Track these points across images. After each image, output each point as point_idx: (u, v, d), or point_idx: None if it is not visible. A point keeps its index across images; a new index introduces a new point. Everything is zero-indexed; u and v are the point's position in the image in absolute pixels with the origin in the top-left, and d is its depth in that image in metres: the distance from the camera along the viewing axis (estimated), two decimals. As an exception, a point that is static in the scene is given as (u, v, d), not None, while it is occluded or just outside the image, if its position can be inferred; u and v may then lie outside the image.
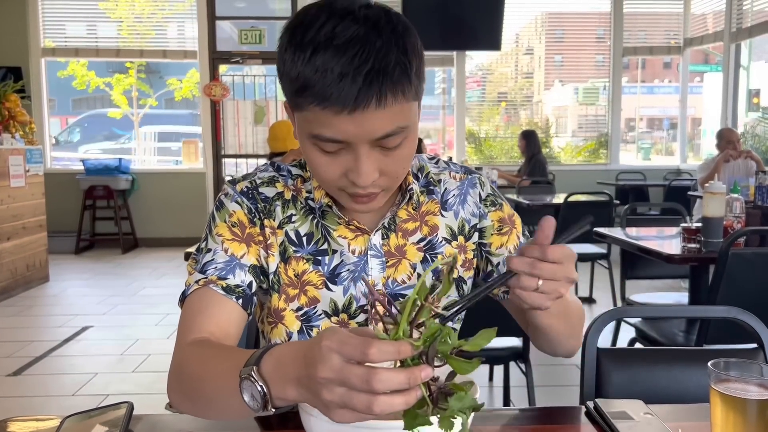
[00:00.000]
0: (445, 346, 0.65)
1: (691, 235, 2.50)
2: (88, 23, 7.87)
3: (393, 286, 1.02)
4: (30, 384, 3.30)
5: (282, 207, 1.01)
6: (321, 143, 0.85)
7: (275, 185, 1.02)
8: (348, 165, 0.86)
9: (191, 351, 0.88)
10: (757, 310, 1.21)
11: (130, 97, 9.28)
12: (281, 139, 3.42)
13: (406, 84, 0.83)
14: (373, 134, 0.83)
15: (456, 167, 1.10)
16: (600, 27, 8.01)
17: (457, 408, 0.64)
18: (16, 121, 5.37)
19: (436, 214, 1.05)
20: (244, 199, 1.00)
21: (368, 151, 0.85)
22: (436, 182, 1.07)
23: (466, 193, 1.08)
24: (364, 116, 0.80)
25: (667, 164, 8.36)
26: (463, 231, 1.07)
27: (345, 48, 0.79)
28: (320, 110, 0.81)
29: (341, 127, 0.81)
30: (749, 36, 6.69)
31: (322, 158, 0.87)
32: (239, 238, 0.97)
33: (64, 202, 7.04)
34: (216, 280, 0.93)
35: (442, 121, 8.30)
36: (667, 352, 1.27)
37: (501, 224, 1.08)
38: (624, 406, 0.93)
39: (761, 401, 0.75)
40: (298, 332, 1.02)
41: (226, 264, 0.95)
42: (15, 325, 4.43)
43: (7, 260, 5.09)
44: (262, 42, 7.39)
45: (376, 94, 0.79)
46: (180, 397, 0.87)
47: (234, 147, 7.44)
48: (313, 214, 1.01)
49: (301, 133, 0.88)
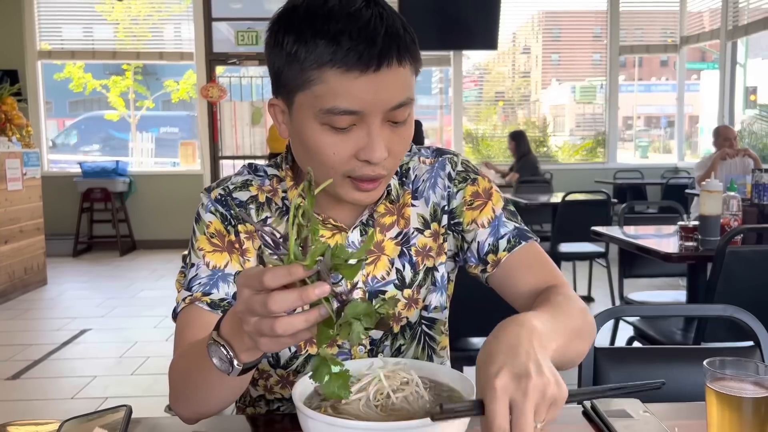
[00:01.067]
0: (336, 260, 0.66)
1: (688, 233, 2.50)
2: (84, 25, 7.88)
3: (373, 283, 1.01)
4: (29, 387, 3.30)
5: (256, 210, 1.01)
6: (334, 118, 0.84)
7: (249, 188, 1.02)
8: (359, 143, 0.86)
9: (178, 359, 0.90)
10: (754, 307, 1.21)
11: (127, 99, 9.27)
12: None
13: (414, 51, 0.87)
14: (388, 102, 0.85)
15: (427, 152, 1.08)
16: (597, 25, 8.02)
17: (351, 315, 0.66)
18: (13, 124, 5.37)
19: (409, 205, 1.04)
20: (218, 207, 1.00)
21: (380, 125, 0.86)
22: (406, 171, 1.05)
23: (436, 176, 1.05)
24: (384, 79, 0.83)
25: (664, 162, 8.37)
26: (435, 217, 1.04)
27: (358, 15, 0.82)
28: (342, 75, 0.82)
29: (360, 94, 0.82)
30: (745, 33, 6.70)
31: (331, 138, 0.86)
32: (220, 248, 0.98)
33: (62, 204, 7.04)
34: (200, 296, 0.94)
35: (440, 121, 8.30)
36: (663, 350, 1.27)
37: (473, 198, 1.03)
38: (621, 404, 0.93)
39: (756, 399, 0.75)
40: None
41: (209, 279, 0.96)
42: (13, 329, 4.42)
43: (4, 263, 5.09)
44: (259, 43, 7.39)
45: (395, 54, 0.83)
46: (180, 403, 0.88)
47: (231, 148, 7.44)
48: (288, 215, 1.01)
49: (305, 118, 0.87)
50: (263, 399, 1.04)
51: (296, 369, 1.00)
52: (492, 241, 1.01)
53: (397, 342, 1.03)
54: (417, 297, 1.03)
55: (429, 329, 1.06)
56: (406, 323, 1.03)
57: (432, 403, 0.79)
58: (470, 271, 1.06)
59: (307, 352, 0.99)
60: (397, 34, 0.84)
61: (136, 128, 9.33)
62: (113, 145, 10.44)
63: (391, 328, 1.02)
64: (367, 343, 1.01)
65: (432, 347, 1.06)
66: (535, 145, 8.00)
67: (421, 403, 0.80)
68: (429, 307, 1.05)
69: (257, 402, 1.05)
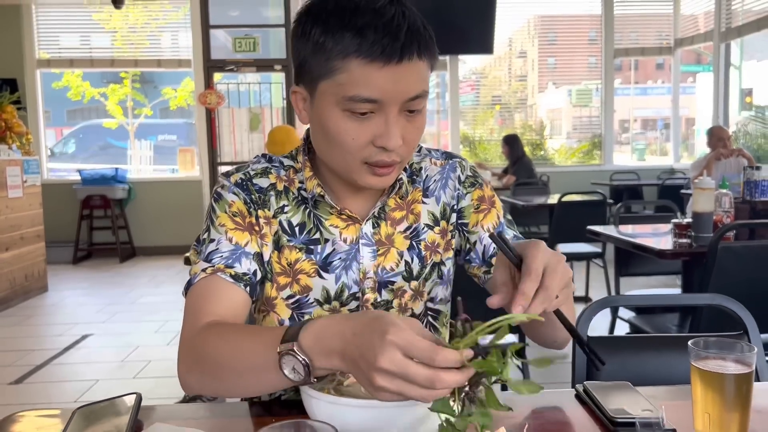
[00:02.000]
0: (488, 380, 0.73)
1: (682, 230, 2.54)
2: (82, 34, 7.91)
3: (382, 273, 1.05)
4: (32, 392, 3.33)
5: (275, 197, 1.05)
6: (355, 105, 0.90)
7: (268, 176, 1.06)
8: (377, 130, 0.92)
9: (210, 332, 0.91)
10: (747, 301, 1.23)
11: (125, 107, 9.30)
12: (280, 143, 3.47)
13: (432, 47, 0.94)
14: (406, 93, 0.91)
15: (437, 154, 1.14)
16: (592, 29, 8.08)
17: (476, 420, 0.71)
18: (13, 132, 5.41)
19: (419, 202, 1.09)
20: (239, 191, 1.03)
21: (396, 114, 0.92)
22: (418, 170, 1.11)
23: (447, 177, 1.11)
24: (404, 71, 0.89)
25: (661, 164, 8.41)
26: (445, 215, 1.10)
27: (383, 11, 0.89)
28: (365, 66, 0.88)
29: (381, 84, 0.89)
30: (739, 35, 6.76)
31: (351, 124, 0.91)
32: (242, 227, 1.01)
33: (62, 212, 7.07)
34: (224, 268, 0.97)
35: (437, 126, 8.35)
36: (654, 338, 1.31)
37: (479, 202, 1.11)
38: (612, 387, 0.96)
39: (738, 376, 0.79)
40: (289, 319, 1.05)
41: (231, 253, 0.98)
42: (15, 335, 4.45)
43: (5, 270, 5.11)
44: (257, 50, 7.44)
45: (415, 49, 0.90)
46: (200, 378, 0.90)
47: (230, 154, 7.47)
48: (305, 204, 1.05)
49: (327, 105, 0.92)
50: None
51: None
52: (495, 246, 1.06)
53: None
54: (422, 290, 1.08)
55: (434, 320, 1.11)
56: (411, 314, 1.08)
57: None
58: (471, 271, 1.12)
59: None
60: (418, 31, 0.90)
61: (135, 136, 9.35)
62: (111, 153, 10.45)
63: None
64: None
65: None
66: (532, 148, 8.05)
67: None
68: (435, 299, 1.10)
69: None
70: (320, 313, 1.04)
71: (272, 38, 7.63)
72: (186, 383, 0.92)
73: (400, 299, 1.06)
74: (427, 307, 1.09)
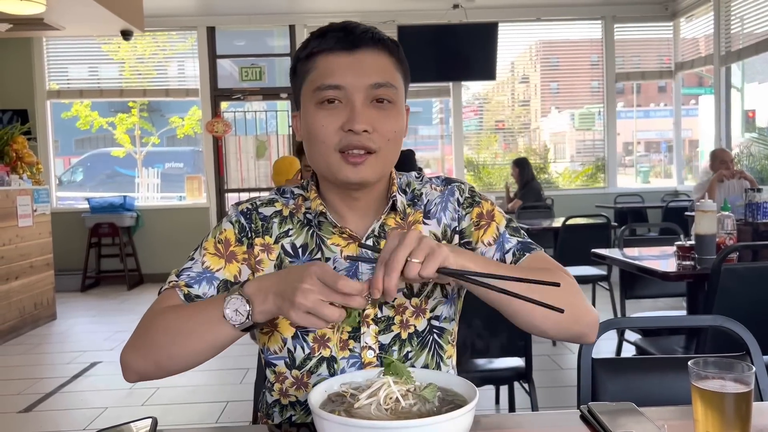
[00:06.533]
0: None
1: (685, 252, 2.56)
2: (91, 65, 8.05)
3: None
4: (41, 420, 3.34)
5: (279, 223, 1.13)
6: (322, 93, 1.03)
7: (274, 204, 1.16)
8: (344, 117, 1.03)
9: (164, 311, 1.03)
10: (750, 322, 1.25)
11: (133, 136, 9.41)
12: (284, 173, 3.53)
13: (395, 51, 1.07)
14: (367, 79, 1.03)
15: (437, 181, 1.20)
16: (593, 53, 8.17)
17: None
18: (24, 162, 5.49)
19: (420, 222, 1.14)
20: (241, 218, 1.13)
21: (363, 101, 1.03)
22: (419, 195, 1.17)
23: (446, 200, 1.16)
24: (362, 59, 1.03)
25: (665, 186, 8.43)
26: (446, 236, 1.15)
27: (351, 24, 1.06)
28: (327, 58, 1.04)
29: (342, 71, 1.03)
30: (738, 58, 6.82)
31: (322, 113, 1.04)
32: (220, 254, 1.10)
33: (70, 240, 7.13)
34: (183, 285, 1.07)
35: (441, 151, 8.42)
36: (657, 360, 1.33)
37: (479, 219, 1.14)
38: (616, 408, 0.98)
39: (737, 395, 0.81)
40: (292, 338, 1.08)
41: (198, 275, 1.09)
42: (24, 363, 4.47)
43: (15, 299, 5.15)
44: (262, 78, 7.56)
45: (370, 39, 1.04)
46: (143, 351, 1.00)
47: (237, 181, 7.55)
48: (309, 226, 1.11)
49: (307, 107, 1.06)
50: (278, 404, 1.11)
51: (310, 369, 1.07)
52: (499, 256, 1.10)
53: (405, 349, 1.09)
54: (425, 307, 1.11)
55: (439, 338, 1.13)
56: (413, 331, 1.10)
57: (438, 407, 0.86)
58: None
59: (321, 354, 1.07)
60: (377, 31, 1.06)
61: (142, 164, 9.45)
62: (119, 181, 10.54)
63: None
64: (376, 347, 1.07)
65: (440, 355, 1.13)
66: (537, 171, 8.08)
67: (428, 407, 0.86)
68: (440, 317, 1.13)
69: (272, 408, 1.12)
70: (323, 332, 1.07)
71: (278, 67, 7.75)
72: (128, 362, 1.00)
73: (401, 315, 1.09)
74: (432, 325, 1.12)
